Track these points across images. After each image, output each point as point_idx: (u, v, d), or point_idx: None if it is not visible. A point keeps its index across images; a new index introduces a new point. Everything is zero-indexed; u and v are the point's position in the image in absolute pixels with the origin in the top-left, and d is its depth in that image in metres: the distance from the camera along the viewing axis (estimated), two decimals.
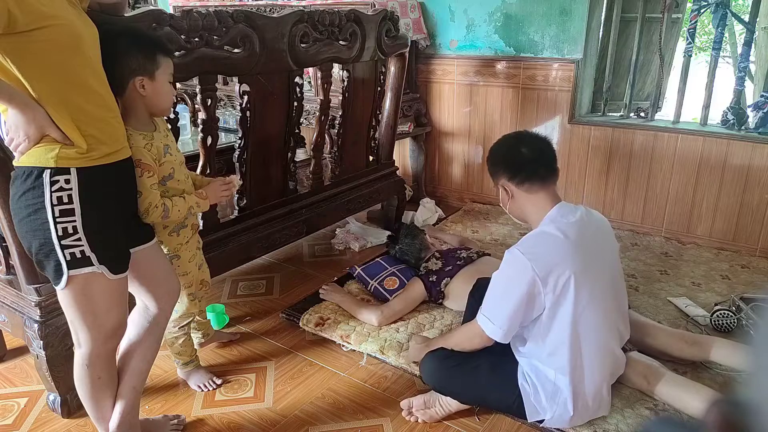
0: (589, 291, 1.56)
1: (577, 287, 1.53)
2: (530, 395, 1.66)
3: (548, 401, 1.65)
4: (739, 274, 2.74)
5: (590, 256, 1.59)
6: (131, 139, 1.48)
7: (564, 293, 1.54)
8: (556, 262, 1.53)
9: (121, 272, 1.41)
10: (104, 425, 1.55)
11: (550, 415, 1.65)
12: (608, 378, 1.70)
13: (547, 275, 1.52)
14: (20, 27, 1.16)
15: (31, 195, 1.28)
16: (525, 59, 3.34)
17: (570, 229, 1.58)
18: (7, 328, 1.87)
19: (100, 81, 1.35)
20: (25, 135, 1.25)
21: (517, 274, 1.55)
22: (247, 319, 2.41)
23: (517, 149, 1.65)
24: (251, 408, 1.88)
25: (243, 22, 2.04)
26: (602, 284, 1.62)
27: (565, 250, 1.54)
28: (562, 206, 1.63)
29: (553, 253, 1.55)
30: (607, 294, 1.64)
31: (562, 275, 1.52)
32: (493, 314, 1.61)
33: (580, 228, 1.60)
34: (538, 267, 1.52)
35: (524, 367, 1.70)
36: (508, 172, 1.65)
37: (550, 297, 1.54)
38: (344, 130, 2.80)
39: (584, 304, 1.56)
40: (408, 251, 2.63)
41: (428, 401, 1.81)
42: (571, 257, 1.54)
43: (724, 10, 2.93)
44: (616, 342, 1.71)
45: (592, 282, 1.57)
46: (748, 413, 0.74)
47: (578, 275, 1.53)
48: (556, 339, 1.60)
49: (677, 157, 3.05)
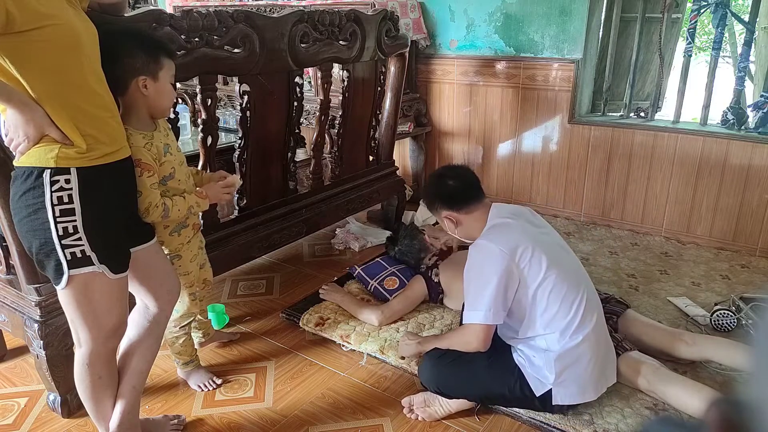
0: (550, 256, 1.68)
1: (541, 255, 1.66)
2: (527, 367, 1.71)
3: (544, 361, 1.68)
4: (738, 273, 2.74)
5: (537, 230, 1.78)
6: (131, 139, 1.47)
7: (532, 263, 1.66)
8: (516, 238, 1.68)
9: (121, 272, 1.41)
10: (104, 425, 1.55)
11: (552, 378, 1.66)
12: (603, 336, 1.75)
13: (514, 250, 1.65)
14: (18, 27, 1.16)
15: (31, 195, 1.28)
16: (525, 59, 3.34)
17: (511, 215, 1.78)
18: (7, 328, 1.87)
19: (99, 81, 1.35)
20: (24, 135, 1.25)
21: (486, 258, 1.67)
22: (247, 319, 2.41)
23: (444, 184, 1.82)
24: (251, 408, 1.88)
25: (243, 22, 2.04)
26: (563, 254, 1.78)
27: (518, 229, 1.72)
28: (495, 207, 1.81)
29: (510, 232, 1.70)
30: (572, 263, 1.80)
31: (527, 248, 1.66)
32: (476, 303, 1.68)
33: (518, 213, 1.82)
34: (503, 246, 1.65)
35: (517, 346, 1.76)
36: (446, 205, 1.80)
37: (523, 269, 1.66)
38: (344, 130, 2.80)
39: (552, 269, 1.67)
40: (407, 252, 2.63)
41: (428, 399, 1.82)
42: (525, 233, 1.72)
43: (724, 10, 2.93)
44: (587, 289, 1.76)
45: (549, 249, 1.71)
46: (748, 413, 0.74)
47: (538, 245, 1.68)
48: (538, 310, 1.68)
49: (677, 157, 3.05)
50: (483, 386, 1.76)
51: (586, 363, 1.69)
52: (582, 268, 1.84)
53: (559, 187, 3.45)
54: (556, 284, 1.67)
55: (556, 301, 1.67)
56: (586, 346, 1.68)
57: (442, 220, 1.83)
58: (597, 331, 1.71)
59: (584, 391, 1.71)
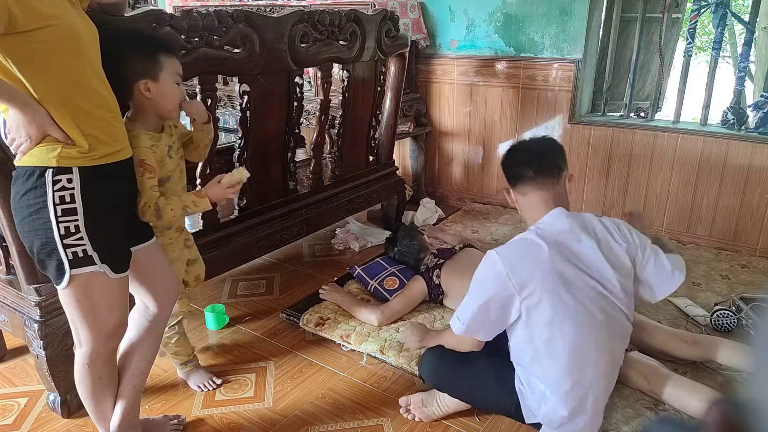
0: (568, 302, 1.50)
1: (555, 297, 1.49)
2: (525, 398, 1.65)
3: (537, 404, 1.62)
4: (739, 273, 2.74)
5: (576, 266, 1.53)
6: (138, 139, 1.47)
7: (540, 302, 1.50)
8: (533, 271, 1.50)
9: (122, 271, 1.41)
10: (105, 425, 1.55)
11: (539, 419, 1.63)
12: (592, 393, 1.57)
13: (523, 282, 1.50)
14: (20, 27, 1.16)
15: (33, 194, 1.28)
16: (525, 59, 3.34)
17: (556, 236, 1.54)
18: (7, 328, 1.87)
19: (100, 81, 1.35)
20: (26, 135, 1.25)
21: (490, 276, 1.55)
22: (247, 319, 2.41)
23: (513, 153, 1.69)
24: (251, 408, 1.88)
25: (243, 22, 2.04)
26: (588, 295, 1.53)
27: (543, 259, 1.51)
28: (557, 213, 1.59)
29: (531, 261, 1.52)
30: (592, 305, 1.53)
31: (540, 285, 1.49)
32: (461, 311, 1.62)
33: (571, 235, 1.55)
34: (512, 273, 1.50)
35: (519, 372, 1.67)
36: (505, 175, 1.70)
37: (526, 305, 1.51)
38: (344, 130, 2.80)
39: (561, 314, 1.50)
40: (407, 252, 2.63)
41: (426, 400, 1.81)
42: (549, 266, 1.50)
43: (724, 10, 2.93)
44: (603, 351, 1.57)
45: (574, 292, 1.51)
46: (748, 413, 0.74)
47: (557, 286, 1.50)
48: (533, 348, 1.56)
49: (677, 157, 3.05)
50: (479, 396, 1.75)
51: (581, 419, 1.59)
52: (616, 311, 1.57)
53: None
54: (555, 337, 1.51)
55: (550, 352, 1.53)
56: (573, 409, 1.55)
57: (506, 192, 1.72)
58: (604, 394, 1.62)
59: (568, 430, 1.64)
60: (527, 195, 1.64)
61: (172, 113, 1.55)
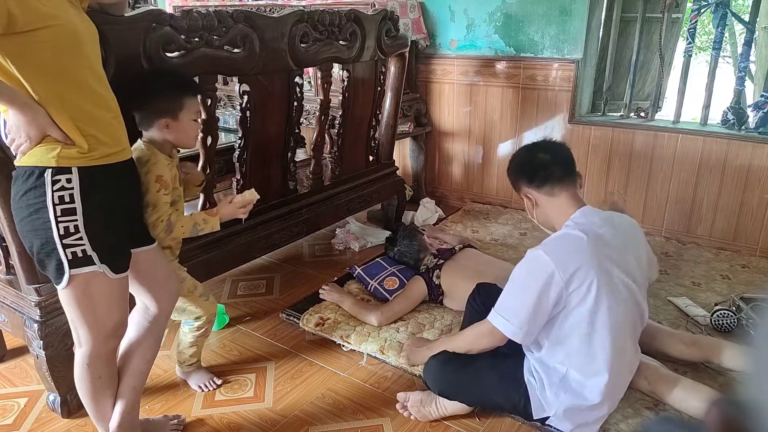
0: (609, 293, 1.55)
1: (599, 288, 1.52)
2: (536, 389, 1.65)
3: (554, 395, 1.63)
4: (739, 274, 2.74)
5: (612, 259, 1.58)
6: (157, 156, 1.56)
7: (587, 294, 1.53)
8: (580, 263, 1.52)
9: (122, 272, 1.41)
10: (104, 425, 1.55)
11: (554, 410, 1.64)
12: (621, 380, 1.66)
13: (571, 276, 1.51)
14: (20, 27, 1.16)
15: (32, 194, 1.28)
16: (525, 59, 3.34)
17: (593, 230, 1.57)
18: (7, 328, 1.87)
19: (100, 81, 1.35)
20: (26, 136, 1.25)
21: (539, 275, 1.53)
22: (247, 320, 2.41)
23: (532, 155, 1.67)
24: (251, 408, 1.88)
25: (243, 22, 2.04)
26: (622, 287, 1.60)
27: (588, 251, 1.53)
28: (586, 209, 1.63)
29: (577, 253, 1.53)
30: (627, 297, 1.61)
31: (587, 276, 1.51)
32: (511, 314, 1.57)
33: (604, 230, 1.59)
34: (561, 268, 1.51)
35: (532, 361, 1.68)
36: (526, 178, 1.66)
37: (573, 297, 1.53)
38: (344, 130, 2.80)
39: (605, 305, 1.54)
40: (406, 252, 2.63)
41: (425, 401, 1.81)
42: (594, 258, 1.53)
43: (724, 10, 2.93)
44: (632, 343, 1.69)
45: (613, 284, 1.56)
46: (748, 413, 0.74)
47: (601, 277, 1.52)
48: (573, 339, 1.58)
49: (677, 157, 3.05)
50: (486, 396, 1.74)
51: (599, 410, 1.64)
52: (638, 295, 1.65)
53: None
54: (597, 329, 1.55)
55: (590, 343, 1.57)
56: (606, 392, 1.60)
57: (522, 197, 1.71)
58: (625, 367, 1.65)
59: (585, 428, 1.67)
60: (555, 196, 1.63)
61: (189, 146, 1.69)
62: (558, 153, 1.67)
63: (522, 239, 3.17)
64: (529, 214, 1.73)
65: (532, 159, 1.66)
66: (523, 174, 1.67)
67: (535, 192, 1.65)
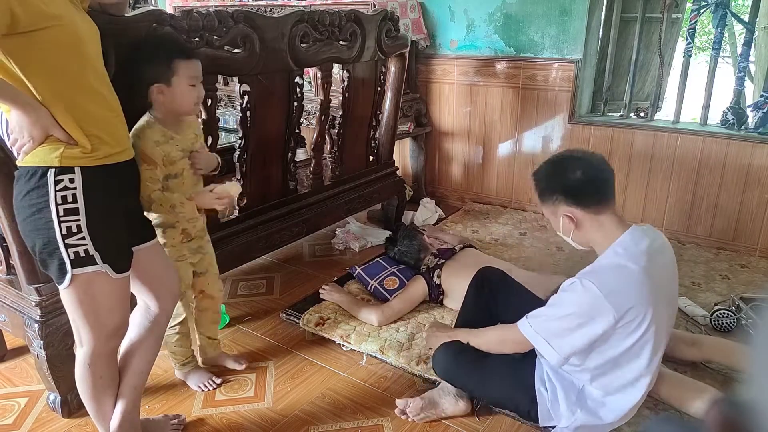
0: (657, 323, 1.49)
1: (649, 324, 1.47)
2: (547, 400, 1.62)
3: (569, 411, 1.59)
4: (738, 273, 2.74)
5: (661, 288, 1.51)
6: (146, 131, 1.55)
7: (636, 329, 1.47)
8: (634, 301, 1.44)
9: (124, 271, 1.41)
10: (105, 425, 1.55)
11: (566, 424, 1.61)
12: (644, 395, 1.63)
13: (624, 314, 1.44)
14: (23, 27, 1.17)
15: (35, 194, 1.28)
16: (525, 59, 3.34)
17: (642, 258, 1.47)
18: (7, 328, 1.87)
19: (102, 81, 1.35)
20: (29, 136, 1.25)
21: (591, 312, 1.45)
22: (247, 319, 2.41)
23: (573, 172, 1.51)
24: (251, 408, 1.88)
25: (243, 22, 2.04)
26: (667, 313, 1.57)
27: (642, 286, 1.45)
28: (635, 232, 1.52)
29: (631, 290, 1.45)
30: (668, 325, 1.59)
31: (639, 313, 1.45)
32: (555, 341, 1.51)
33: (652, 256, 1.49)
34: (615, 307, 1.43)
35: (546, 368, 1.65)
36: (570, 199, 1.52)
37: (621, 331, 1.47)
38: (344, 130, 2.80)
39: (650, 334, 1.49)
40: (406, 252, 2.63)
41: (425, 407, 1.80)
42: (647, 292, 1.45)
43: (724, 10, 2.93)
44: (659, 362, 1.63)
45: (660, 314, 1.51)
46: (748, 413, 0.74)
47: (653, 311, 1.46)
48: (607, 363, 1.54)
49: (677, 157, 3.06)
50: (492, 392, 1.74)
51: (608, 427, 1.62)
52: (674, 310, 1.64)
53: None
54: (639, 355, 1.51)
55: (626, 365, 1.53)
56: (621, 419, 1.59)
57: (558, 216, 1.55)
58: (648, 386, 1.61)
59: None
60: (602, 215, 1.52)
61: (188, 113, 1.66)
62: (601, 170, 1.53)
63: (522, 239, 3.18)
64: (563, 232, 1.58)
65: (574, 178, 1.51)
66: (567, 195, 1.52)
67: (580, 212, 1.51)
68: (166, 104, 1.58)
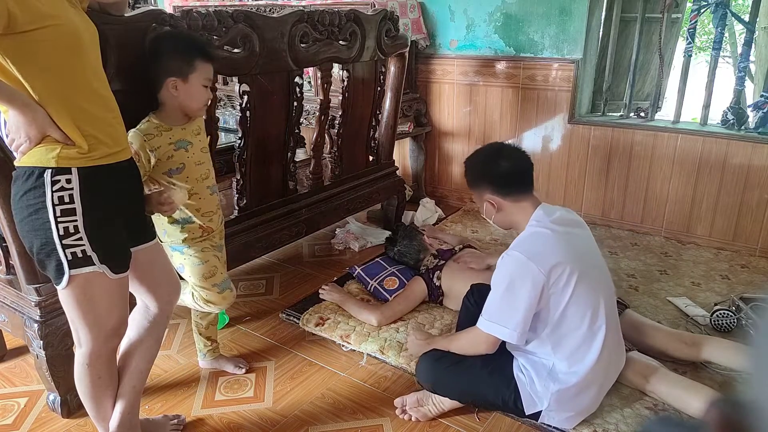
0: (587, 280, 1.61)
1: (578, 277, 1.59)
2: (526, 384, 1.69)
3: (544, 386, 1.66)
4: (738, 273, 2.74)
5: (580, 248, 1.67)
6: (145, 125, 1.57)
7: (566, 285, 1.58)
8: (556, 258, 1.58)
9: (122, 272, 1.41)
10: (104, 425, 1.55)
11: (546, 402, 1.66)
12: (608, 359, 1.69)
13: (550, 270, 1.56)
14: (20, 27, 1.16)
15: (32, 195, 1.28)
16: (525, 59, 3.34)
17: (555, 225, 1.65)
18: (7, 328, 1.87)
19: (100, 81, 1.35)
20: (26, 136, 1.25)
21: (522, 276, 1.58)
22: (247, 319, 2.41)
23: (497, 163, 1.70)
24: (251, 408, 1.88)
25: (243, 22, 2.04)
26: (595, 270, 1.69)
27: (559, 245, 1.61)
28: (544, 207, 1.70)
29: (550, 249, 1.60)
30: (601, 279, 1.70)
31: (564, 269, 1.57)
32: (503, 319, 1.61)
33: (564, 223, 1.68)
34: (540, 265, 1.56)
35: (520, 359, 1.72)
36: (493, 187, 1.70)
37: (554, 291, 1.58)
38: (344, 130, 2.80)
39: (582, 290, 1.60)
40: (406, 252, 2.63)
41: (421, 399, 1.82)
42: (565, 250, 1.60)
43: (724, 10, 2.93)
44: (614, 321, 1.73)
45: (588, 274, 1.62)
46: (748, 413, 0.74)
47: (576, 266, 1.59)
48: (553, 332, 1.63)
49: (677, 157, 3.05)
50: (477, 392, 1.76)
51: (587, 394, 1.68)
52: (606, 276, 1.75)
53: (559, 186, 3.45)
54: (578, 309, 1.61)
55: (573, 327, 1.63)
56: (591, 376, 1.65)
57: (482, 201, 1.74)
58: (608, 349, 1.67)
59: (578, 416, 1.71)
60: (521, 201, 1.69)
61: (196, 112, 1.68)
62: (522, 162, 1.70)
63: None
64: (485, 215, 1.76)
65: (498, 168, 1.69)
66: (490, 183, 1.70)
67: (500, 199, 1.69)
68: (178, 99, 1.60)
